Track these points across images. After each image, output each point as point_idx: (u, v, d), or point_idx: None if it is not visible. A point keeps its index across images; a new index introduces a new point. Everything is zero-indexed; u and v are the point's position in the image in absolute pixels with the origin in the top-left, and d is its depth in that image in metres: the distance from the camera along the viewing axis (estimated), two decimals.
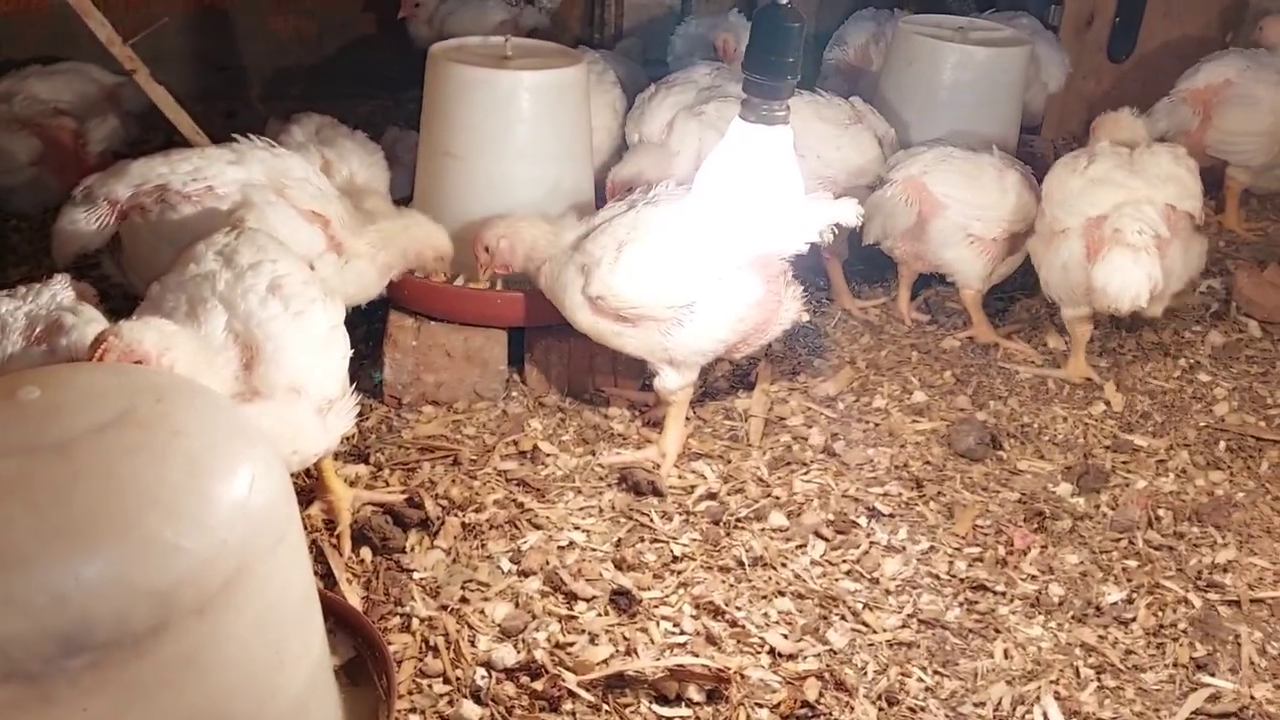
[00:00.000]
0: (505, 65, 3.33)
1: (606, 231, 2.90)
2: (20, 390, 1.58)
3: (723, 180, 2.72)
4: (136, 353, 1.99)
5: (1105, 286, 3.23)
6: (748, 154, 2.66)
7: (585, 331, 2.98)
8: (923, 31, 4.20)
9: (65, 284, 2.45)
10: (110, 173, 3.01)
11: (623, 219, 2.92)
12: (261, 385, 2.30)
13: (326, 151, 3.55)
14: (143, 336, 2.03)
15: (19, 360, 2.20)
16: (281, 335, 2.33)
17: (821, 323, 3.83)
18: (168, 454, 1.55)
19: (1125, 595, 2.68)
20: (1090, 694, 2.40)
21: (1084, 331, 3.57)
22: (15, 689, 1.38)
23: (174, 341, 2.09)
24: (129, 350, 1.99)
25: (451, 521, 2.76)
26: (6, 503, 1.42)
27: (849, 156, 3.76)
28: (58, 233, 2.97)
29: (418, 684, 2.31)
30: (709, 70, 4.10)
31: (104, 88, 4.59)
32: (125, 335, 2.01)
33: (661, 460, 3.04)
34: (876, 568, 2.72)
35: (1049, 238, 3.46)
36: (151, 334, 2.05)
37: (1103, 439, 3.30)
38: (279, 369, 2.31)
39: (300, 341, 2.36)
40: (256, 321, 2.31)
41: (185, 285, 2.39)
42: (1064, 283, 3.43)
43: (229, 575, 1.52)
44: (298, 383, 2.35)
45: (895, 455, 3.15)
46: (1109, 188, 3.35)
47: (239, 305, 2.33)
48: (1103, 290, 3.24)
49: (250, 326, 2.31)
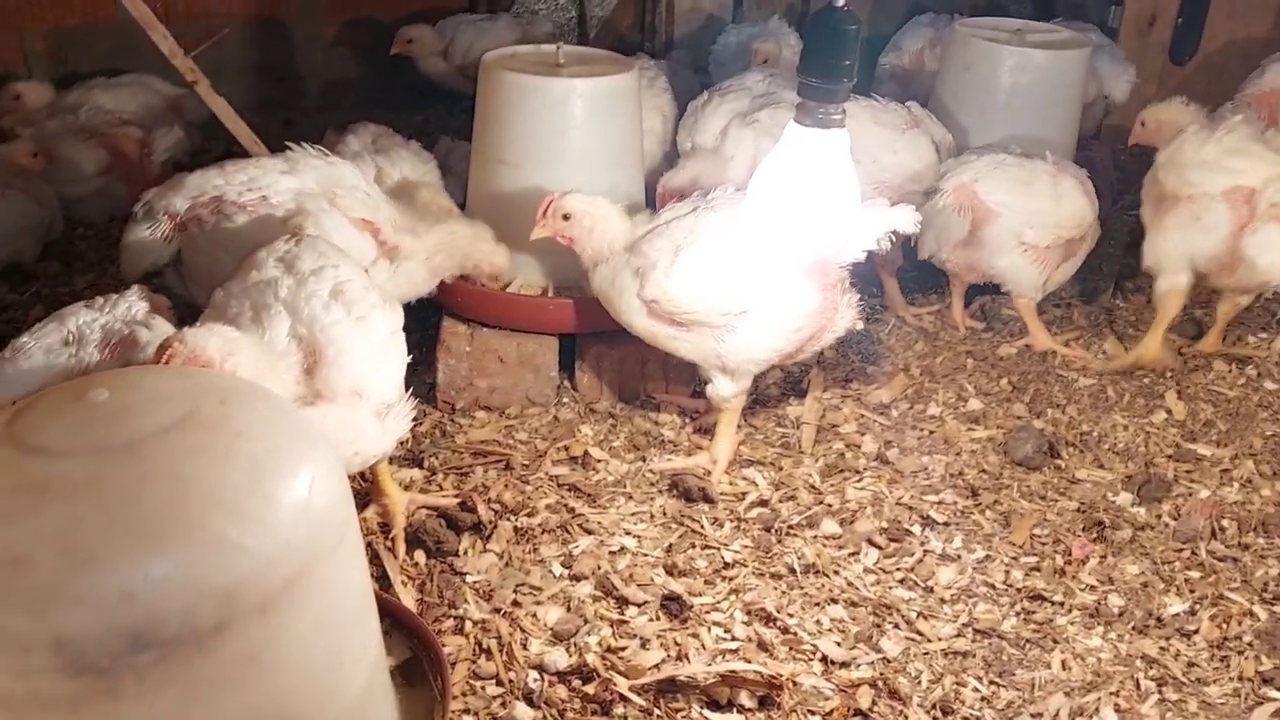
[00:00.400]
0: (558, 73, 3.35)
1: (664, 234, 2.89)
2: (90, 392, 1.62)
3: (778, 185, 2.71)
4: (200, 358, 2.03)
5: (1256, 259, 3.34)
6: (803, 158, 2.65)
7: (639, 335, 2.98)
8: (980, 34, 4.15)
9: (140, 295, 2.52)
10: (167, 186, 3.06)
11: (680, 222, 2.91)
12: (324, 389, 2.34)
13: (380, 160, 3.60)
14: (206, 342, 2.07)
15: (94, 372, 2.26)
16: (344, 339, 2.36)
17: (875, 330, 3.80)
18: (231, 455, 1.58)
19: (1188, 607, 2.63)
20: (1151, 706, 2.35)
21: (1173, 307, 3.58)
22: (85, 683, 1.41)
23: (237, 347, 2.13)
24: (193, 355, 2.03)
25: (504, 525, 2.78)
26: (77, 502, 1.45)
27: (905, 161, 3.72)
28: (125, 248, 3.03)
29: (471, 686, 2.33)
30: (762, 76, 4.09)
31: (167, 99, 4.71)
32: (189, 341, 2.05)
33: (712, 467, 3.03)
34: (931, 576, 2.69)
35: (1161, 203, 3.51)
36: (215, 340, 2.09)
37: (1164, 448, 3.24)
38: (341, 372, 2.34)
39: (362, 346, 2.39)
40: (320, 326, 2.34)
41: (249, 291, 2.43)
42: (1180, 249, 3.47)
43: (291, 575, 1.55)
44: (359, 386, 2.39)
45: (950, 463, 3.12)
46: (1252, 159, 3.38)
47: (302, 310, 2.36)
48: (1252, 263, 3.35)
49: (314, 331, 2.34)
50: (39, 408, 1.62)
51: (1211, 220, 3.40)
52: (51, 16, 4.98)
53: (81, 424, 1.56)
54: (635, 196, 3.57)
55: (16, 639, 1.39)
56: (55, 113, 4.37)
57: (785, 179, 2.69)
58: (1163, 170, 3.52)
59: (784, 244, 2.81)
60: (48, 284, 3.88)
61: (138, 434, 1.55)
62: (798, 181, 2.67)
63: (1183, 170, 3.45)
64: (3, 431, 1.56)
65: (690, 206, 2.97)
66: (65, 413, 1.59)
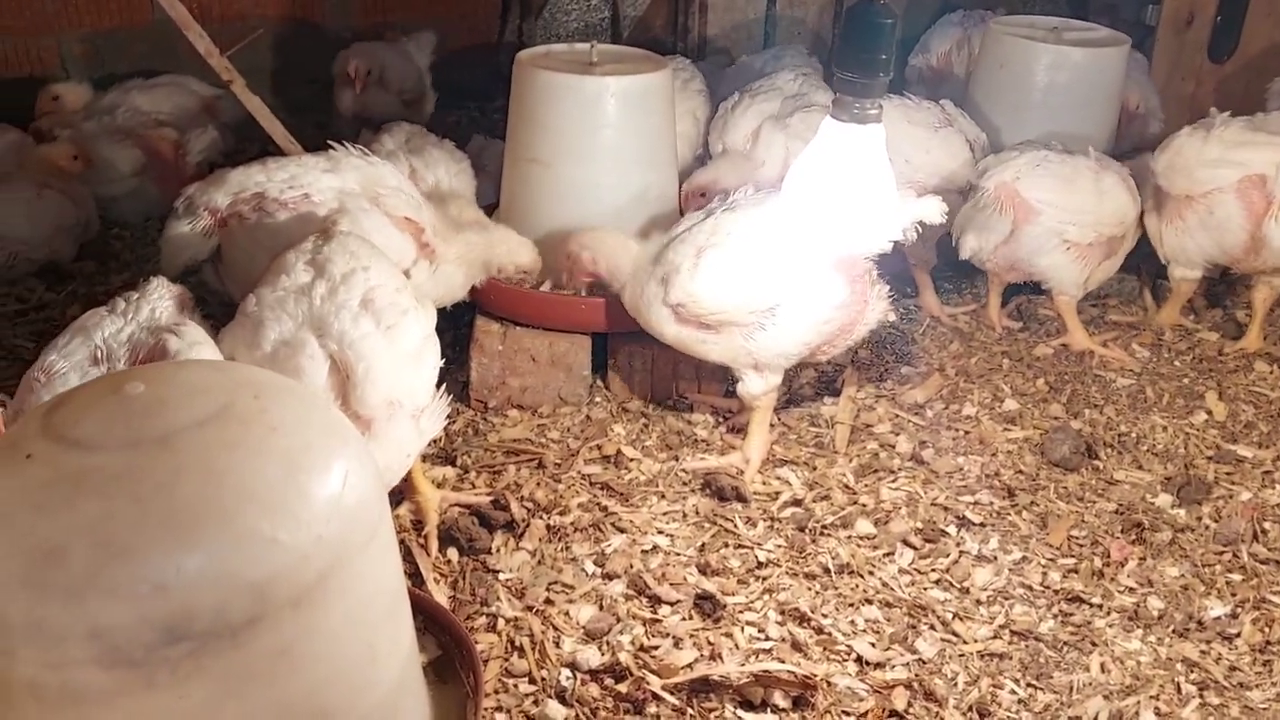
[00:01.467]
0: (591, 71, 3.34)
1: (685, 240, 2.88)
2: (126, 386, 1.62)
3: (813, 180, 2.69)
4: None
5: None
6: (839, 153, 2.63)
7: (670, 343, 2.97)
8: (1015, 32, 4.11)
9: (163, 292, 2.47)
10: (209, 181, 3.08)
11: (701, 226, 2.90)
12: (360, 407, 2.32)
13: (414, 160, 3.61)
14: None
15: None
16: (373, 353, 2.33)
17: (909, 330, 3.77)
18: (265, 449, 1.57)
19: (1229, 610, 2.58)
20: (1193, 710, 2.31)
21: (1188, 290, 3.79)
22: (120, 675, 1.42)
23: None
24: None
25: (536, 524, 2.77)
26: (112, 495, 1.46)
27: (939, 160, 3.69)
28: (166, 243, 3.05)
29: (504, 683, 2.32)
30: (794, 77, 4.06)
31: (202, 100, 4.75)
32: None
33: (745, 466, 3.01)
34: (967, 577, 2.66)
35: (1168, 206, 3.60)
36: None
37: (1204, 449, 3.19)
38: (374, 387, 2.32)
39: (392, 356, 2.37)
40: (349, 341, 2.32)
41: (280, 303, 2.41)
42: (1198, 247, 3.58)
43: (323, 570, 1.54)
44: (393, 396, 2.37)
45: (986, 464, 3.09)
46: (1257, 148, 3.42)
47: (332, 325, 2.33)
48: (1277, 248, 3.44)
49: (343, 348, 2.32)
50: (75, 401, 1.62)
51: (1226, 216, 3.47)
52: (88, 20, 5.03)
53: (116, 417, 1.56)
54: (669, 197, 3.56)
55: (51, 630, 1.39)
56: (92, 114, 4.42)
57: (821, 175, 2.67)
58: (1164, 177, 3.56)
59: (814, 238, 2.78)
60: (84, 283, 3.92)
61: (172, 427, 1.55)
62: (834, 177, 2.65)
63: (1191, 171, 3.49)
64: (39, 424, 1.57)
65: (705, 212, 2.97)
66: (101, 406, 1.59)
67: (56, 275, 3.93)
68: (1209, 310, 3.99)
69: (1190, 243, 3.58)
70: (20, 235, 3.80)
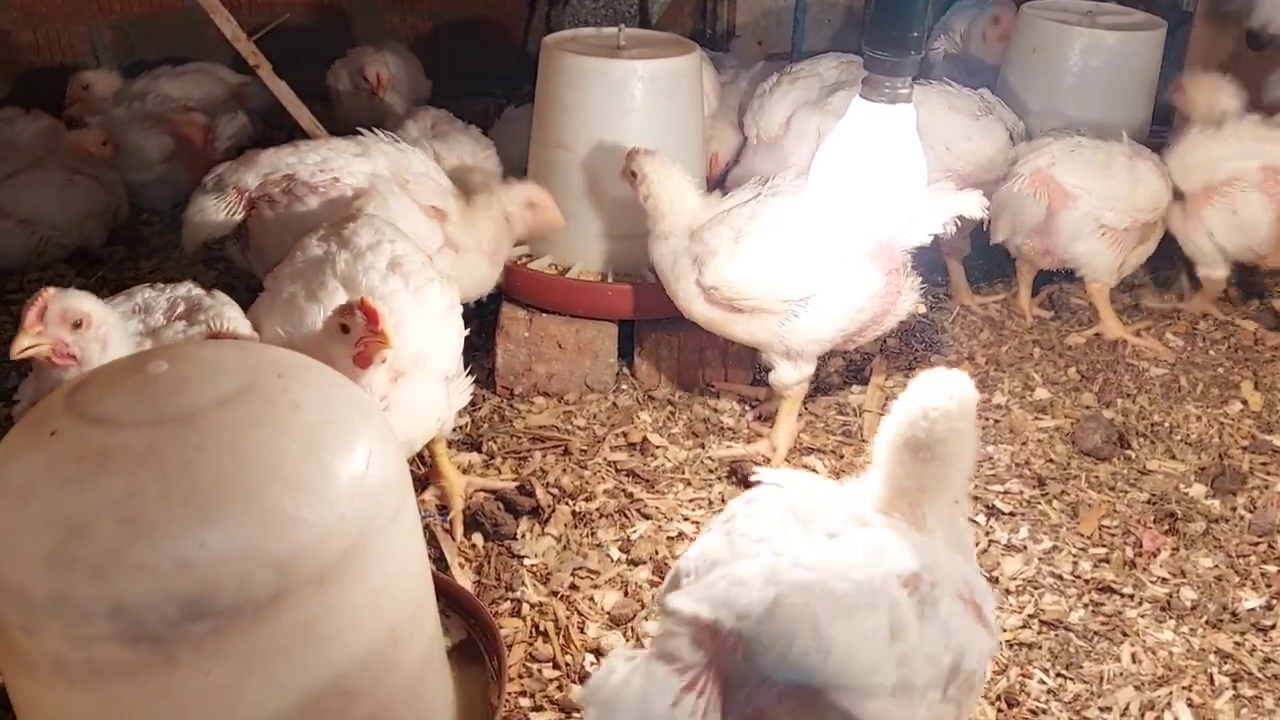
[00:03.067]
0: (618, 55, 3.31)
1: (724, 222, 2.85)
2: (150, 364, 1.62)
3: (843, 163, 2.65)
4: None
5: None
6: (870, 135, 2.59)
7: (698, 321, 2.94)
8: (1048, 16, 4.05)
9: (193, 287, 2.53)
10: (240, 161, 3.09)
11: (742, 209, 2.86)
12: (394, 361, 2.32)
13: (438, 145, 3.60)
14: None
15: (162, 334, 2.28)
16: (403, 309, 2.35)
17: (939, 318, 3.73)
18: (288, 427, 1.57)
19: (1264, 601, 2.53)
20: (1226, 702, 2.27)
21: (1217, 287, 3.76)
22: (143, 651, 1.41)
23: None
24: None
25: (562, 510, 2.76)
26: (137, 472, 1.45)
27: (979, 148, 3.64)
28: (188, 219, 3.07)
29: (528, 668, 2.31)
30: (836, 63, 3.99)
31: (230, 86, 4.76)
32: None
33: (772, 454, 2.99)
34: (996, 566, 2.62)
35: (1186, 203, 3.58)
36: None
37: (1239, 439, 3.13)
38: (403, 341, 2.31)
39: (421, 315, 2.40)
40: (379, 296, 2.32)
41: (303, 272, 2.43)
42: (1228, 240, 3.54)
43: (346, 548, 1.54)
44: (421, 353, 2.39)
45: (1016, 453, 3.05)
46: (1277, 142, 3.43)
47: (360, 282, 2.36)
48: None
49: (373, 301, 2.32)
50: (99, 379, 1.63)
51: (1250, 213, 3.47)
52: (119, 7, 5.07)
53: (141, 395, 1.56)
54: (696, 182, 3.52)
55: (76, 606, 1.39)
56: (122, 101, 4.45)
57: (851, 157, 2.63)
58: (1179, 175, 3.55)
59: (848, 225, 2.75)
60: (113, 269, 3.94)
61: (196, 405, 1.55)
62: (864, 159, 2.61)
63: (1211, 166, 3.49)
64: (64, 402, 1.57)
65: (752, 193, 2.92)
66: (125, 384, 1.59)
67: (86, 260, 3.95)
68: (1245, 300, 3.93)
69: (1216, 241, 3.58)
70: (51, 220, 3.83)
